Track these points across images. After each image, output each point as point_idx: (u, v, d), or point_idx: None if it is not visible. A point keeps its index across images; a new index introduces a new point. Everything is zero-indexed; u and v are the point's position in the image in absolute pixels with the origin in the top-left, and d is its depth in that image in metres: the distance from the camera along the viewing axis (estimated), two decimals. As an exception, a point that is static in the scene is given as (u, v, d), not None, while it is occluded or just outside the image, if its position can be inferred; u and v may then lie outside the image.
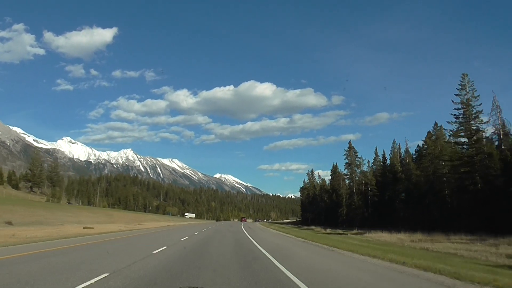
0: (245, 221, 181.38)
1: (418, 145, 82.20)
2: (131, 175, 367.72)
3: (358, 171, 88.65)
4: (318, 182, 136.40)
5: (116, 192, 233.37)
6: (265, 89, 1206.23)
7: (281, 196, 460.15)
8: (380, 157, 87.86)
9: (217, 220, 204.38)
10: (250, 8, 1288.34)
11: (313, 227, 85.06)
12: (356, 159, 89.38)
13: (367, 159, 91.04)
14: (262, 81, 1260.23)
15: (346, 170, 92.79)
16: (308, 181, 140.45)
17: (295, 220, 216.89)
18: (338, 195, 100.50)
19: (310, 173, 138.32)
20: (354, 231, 61.45)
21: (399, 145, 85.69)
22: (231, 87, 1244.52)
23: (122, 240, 26.42)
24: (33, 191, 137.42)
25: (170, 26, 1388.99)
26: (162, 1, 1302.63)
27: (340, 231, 66.48)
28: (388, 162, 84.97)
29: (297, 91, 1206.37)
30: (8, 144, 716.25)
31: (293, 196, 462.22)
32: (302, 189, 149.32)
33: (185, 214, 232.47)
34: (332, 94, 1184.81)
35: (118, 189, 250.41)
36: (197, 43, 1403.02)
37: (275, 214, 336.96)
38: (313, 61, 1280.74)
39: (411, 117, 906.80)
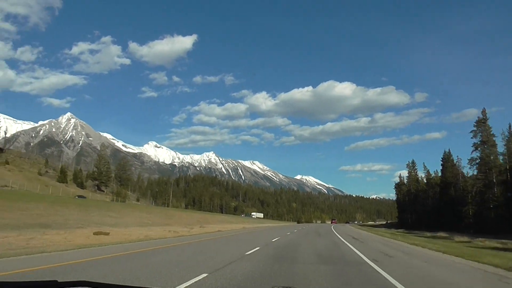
0: (335, 223, 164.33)
1: None
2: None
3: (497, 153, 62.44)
4: (423, 175, 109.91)
5: (193, 192, 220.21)
6: (344, 89, 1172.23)
7: (364, 197, 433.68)
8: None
9: (298, 222, 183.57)
10: (325, 7, 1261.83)
11: (427, 233, 59.76)
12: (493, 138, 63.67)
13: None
14: (341, 81, 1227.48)
15: (475, 152, 65.77)
16: (407, 176, 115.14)
17: (385, 223, 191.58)
18: (456, 190, 75.88)
19: (410, 165, 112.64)
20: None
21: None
22: (310, 88, 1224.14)
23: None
24: (100, 190, 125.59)
25: (247, 30, 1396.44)
26: (238, 7, 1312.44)
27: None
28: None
29: (378, 89, 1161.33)
30: (99, 149, 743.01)
31: (376, 197, 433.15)
32: (398, 186, 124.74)
33: (252, 214, 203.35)
34: (415, 91, 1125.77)
35: (196, 189, 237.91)
36: (274, 45, 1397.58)
37: (360, 216, 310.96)
38: (393, 58, 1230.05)
39: (502, 113, 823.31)
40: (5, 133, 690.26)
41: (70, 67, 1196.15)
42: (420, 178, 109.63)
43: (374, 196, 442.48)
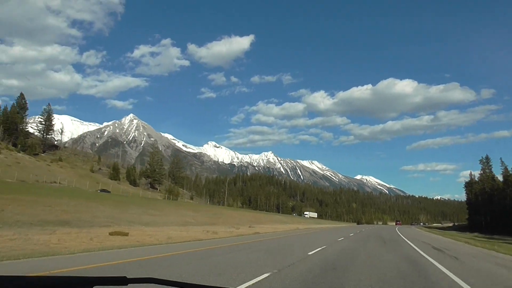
0: (400, 224, 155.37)
1: None
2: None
3: None
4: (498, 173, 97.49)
5: (249, 191, 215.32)
6: (405, 86, 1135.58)
7: (428, 197, 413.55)
8: None
9: (357, 223, 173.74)
10: (385, 5, 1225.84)
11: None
12: None
13: None
14: (401, 78, 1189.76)
15: None
16: (480, 174, 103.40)
17: (452, 225, 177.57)
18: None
19: (484, 161, 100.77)
20: None
21: None
22: (369, 86, 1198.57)
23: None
24: (153, 188, 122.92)
25: (304, 29, 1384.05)
26: (295, 7, 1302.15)
27: None
28: None
29: (441, 86, 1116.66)
30: (160, 149, 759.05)
31: (440, 198, 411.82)
32: (468, 185, 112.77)
33: (305, 213, 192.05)
34: (481, 87, 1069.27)
35: (253, 188, 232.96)
36: (332, 44, 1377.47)
37: (424, 217, 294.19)
38: (457, 53, 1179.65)
39: None
40: (71, 134, 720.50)
41: (132, 70, 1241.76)
42: (495, 176, 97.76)
43: (437, 197, 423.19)
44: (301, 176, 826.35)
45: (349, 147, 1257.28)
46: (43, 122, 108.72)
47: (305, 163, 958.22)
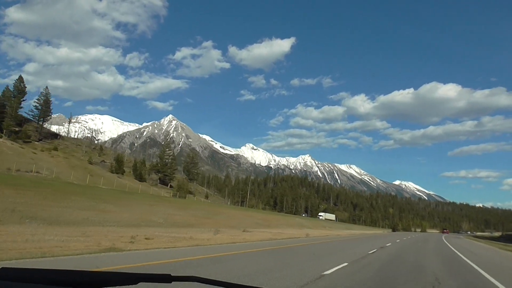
0: (447, 233, 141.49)
1: None
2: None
3: None
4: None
5: (276, 192, 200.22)
6: (448, 91, 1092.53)
7: (470, 205, 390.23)
8: None
9: (393, 230, 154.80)
10: (427, 5, 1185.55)
11: None
12: None
13: None
14: (445, 82, 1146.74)
15: None
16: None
17: (500, 235, 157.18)
18: None
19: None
20: None
21: None
22: (411, 90, 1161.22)
23: None
24: (164, 184, 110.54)
25: (345, 31, 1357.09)
26: (336, 9, 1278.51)
27: None
28: None
29: (486, 91, 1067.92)
30: (197, 150, 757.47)
31: (482, 206, 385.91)
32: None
33: (319, 214, 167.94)
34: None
35: (284, 189, 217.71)
36: (373, 46, 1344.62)
37: (467, 225, 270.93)
38: (504, 57, 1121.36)
39: None
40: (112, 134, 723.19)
41: (173, 71, 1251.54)
42: None
43: (479, 205, 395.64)
44: (339, 180, 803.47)
45: (388, 152, 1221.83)
46: (39, 107, 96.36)
47: (343, 167, 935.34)
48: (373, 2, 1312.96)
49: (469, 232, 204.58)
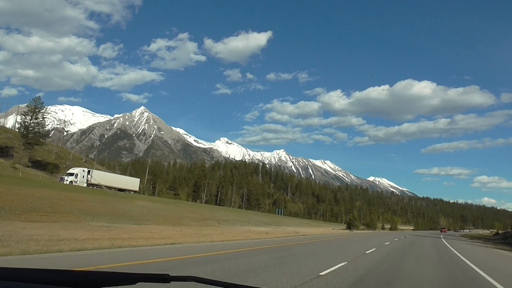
0: (446, 231, 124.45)
1: None
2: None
3: None
4: None
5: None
6: (423, 88, 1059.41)
7: (444, 200, 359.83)
8: None
9: (349, 227, 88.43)
10: (403, 4, 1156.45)
11: None
12: None
13: None
14: (420, 79, 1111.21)
15: None
16: None
17: (495, 233, 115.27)
18: None
19: None
20: None
21: None
22: (386, 86, 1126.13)
23: None
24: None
25: (322, 27, 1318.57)
26: (313, 4, 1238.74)
27: None
28: None
29: (460, 89, 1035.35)
30: (169, 143, 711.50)
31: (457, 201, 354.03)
32: None
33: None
34: (501, 91, 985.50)
35: (230, 178, 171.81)
36: (349, 43, 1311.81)
37: (445, 222, 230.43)
38: (478, 55, 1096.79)
39: None
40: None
41: (148, 63, 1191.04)
42: None
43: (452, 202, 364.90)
44: (313, 176, 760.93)
45: (363, 148, 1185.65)
46: None
47: (318, 162, 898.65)
48: None
49: (470, 230, 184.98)
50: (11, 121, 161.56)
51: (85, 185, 62.60)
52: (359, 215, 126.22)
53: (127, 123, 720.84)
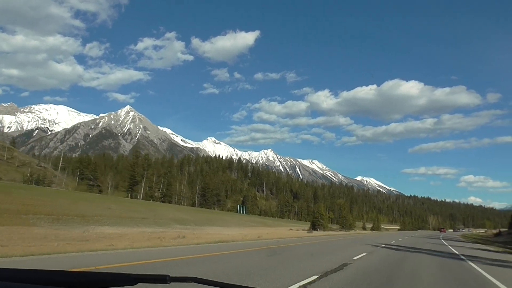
0: (445, 231, 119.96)
1: None
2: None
3: None
4: None
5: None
6: (410, 88, 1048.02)
7: (432, 198, 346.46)
8: None
9: (313, 226, 66.82)
10: (392, 4, 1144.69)
11: None
12: None
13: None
14: (407, 79, 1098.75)
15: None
16: None
17: (497, 232, 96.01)
18: None
19: None
20: None
21: None
22: (374, 86, 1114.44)
23: None
24: None
25: (310, 27, 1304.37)
26: (301, 3, 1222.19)
27: None
28: None
29: (447, 89, 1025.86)
30: (155, 142, 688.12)
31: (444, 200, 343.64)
32: None
33: None
34: (487, 91, 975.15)
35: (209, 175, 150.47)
36: (337, 42, 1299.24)
37: (434, 220, 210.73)
38: (465, 56, 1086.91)
39: None
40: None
41: (135, 62, 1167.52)
42: None
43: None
44: (301, 175, 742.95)
45: (351, 148, 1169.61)
46: None
47: (305, 162, 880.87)
48: None
49: (467, 229, 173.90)
50: None
51: None
52: (337, 214, 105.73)
53: (112, 122, 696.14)
